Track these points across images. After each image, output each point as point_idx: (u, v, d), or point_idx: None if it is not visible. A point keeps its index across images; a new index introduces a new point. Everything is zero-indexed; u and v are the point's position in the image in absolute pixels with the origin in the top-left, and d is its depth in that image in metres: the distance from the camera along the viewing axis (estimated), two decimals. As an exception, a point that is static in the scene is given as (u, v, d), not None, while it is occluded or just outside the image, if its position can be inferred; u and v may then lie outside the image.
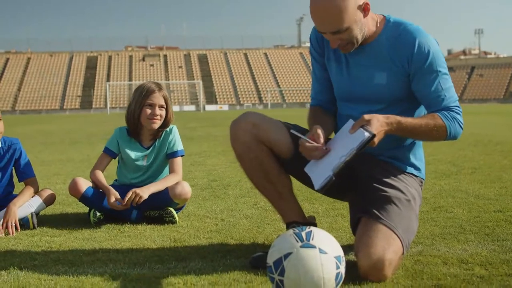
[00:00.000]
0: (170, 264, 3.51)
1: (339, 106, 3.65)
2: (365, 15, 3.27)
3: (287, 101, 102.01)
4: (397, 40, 3.33)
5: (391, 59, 3.34)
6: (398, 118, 3.18)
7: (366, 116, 3.10)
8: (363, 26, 3.29)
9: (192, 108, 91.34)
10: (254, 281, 3.11)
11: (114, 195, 4.72)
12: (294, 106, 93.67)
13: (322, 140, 3.20)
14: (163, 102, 4.97)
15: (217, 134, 18.32)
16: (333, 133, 3.59)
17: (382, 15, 3.45)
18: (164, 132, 5.07)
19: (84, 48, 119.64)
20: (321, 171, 3.16)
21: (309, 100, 3.86)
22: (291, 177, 3.67)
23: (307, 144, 3.20)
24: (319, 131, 3.23)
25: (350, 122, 3.19)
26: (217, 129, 21.89)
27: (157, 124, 4.96)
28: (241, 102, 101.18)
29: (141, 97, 4.94)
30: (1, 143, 4.98)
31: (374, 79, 3.39)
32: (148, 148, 5.07)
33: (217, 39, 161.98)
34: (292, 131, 3.32)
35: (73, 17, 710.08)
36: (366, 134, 3.03)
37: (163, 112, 4.98)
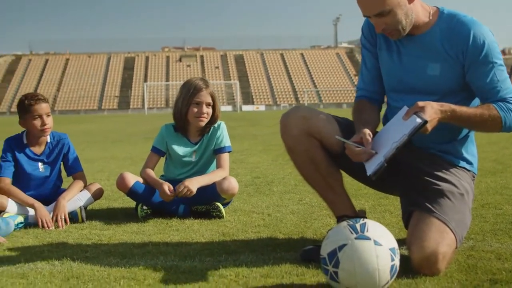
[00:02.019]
0: (221, 257, 3.53)
1: (389, 97, 3.63)
2: (410, 1, 3.25)
3: (323, 101, 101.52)
4: (452, 31, 3.29)
5: (445, 51, 3.30)
6: (453, 106, 3.14)
7: (420, 103, 3.07)
8: (409, 12, 3.26)
9: (229, 108, 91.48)
10: (306, 274, 3.11)
11: (167, 185, 4.75)
12: (330, 107, 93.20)
13: (370, 144, 3.17)
14: (210, 100, 4.98)
15: (257, 133, 18.37)
16: (381, 125, 3.56)
17: (436, 7, 3.42)
18: (212, 127, 5.09)
19: (121, 49, 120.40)
20: (373, 158, 3.14)
21: (346, 101, 3.87)
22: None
23: (355, 148, 3.18)
24: (368, 136, 3.20)
25: (404, 108, 3.16)
26: (256, 129, 21.95)
27: (204, 122, 4.98)
28: (278, 103, 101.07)
29: (188, 95, 4.95)
30: (50, 138, 5.05)
31: (427, 70, 3.35)
32: (196, 144, 5.08)
33: (253, 40, 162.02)
34: (337, 137, 3.30)
35: (111, 19, 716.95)
36: (418, 120, 3.00)
37: (210, 110, 4.99)
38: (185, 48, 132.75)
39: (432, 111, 3.05)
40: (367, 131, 3.21)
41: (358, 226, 2.76)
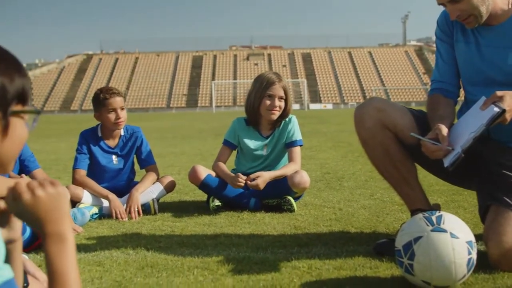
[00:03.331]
0: (293, 249, 3.52)
1: (466, 91, 3.54)
2: None
3: (392, 100, 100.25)
4: None
5: None
6: None
7: (499, 93, 2.98)
8: None
9: (296, 106, 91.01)
10: (380, 267, 3.08)
11: (240, 176, 4.78)
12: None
13: (446, 141, 3.10)
14: (282, 93, 4.99)
15: (325, 130, 18.31)
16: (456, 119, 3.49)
17: None
18: (283, 121, 5.09)
19: (190, 48, 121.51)
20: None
21: (415, 99, 3.79)
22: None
23: (431, 145, 3.12)
24: (444, 132, 3.12)
25: (482, 99, 3.08)
26: (324, 126, 21.87)
27: (276, 115, 4.98)
28: (345, 101, 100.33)
29: (261, 88, 4.97)
30: (124, 131, 5.13)
31: (508, 60, 3.26)
32: (267, 138, 5.10)
33: (321, 38, 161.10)
34: (412, 134, 3.24)
35: (179, 18, 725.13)
36: (496, 109, 2.92)
37: (283, 104, 5.00)
38: (252, 47, 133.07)
39: (511, 100, 2.97)
40: (443, 127, 3.14)
41: (434, 218, 2.72)
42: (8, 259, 1.42)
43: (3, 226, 1.50)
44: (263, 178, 4.73)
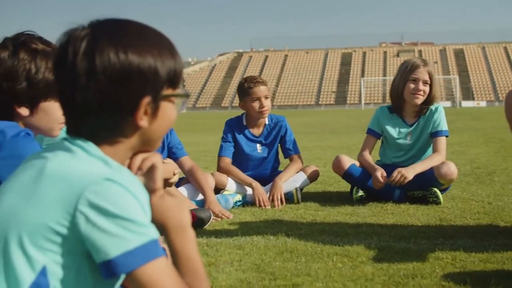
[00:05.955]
0: (437, 241, 3.42)
1: None
2: None
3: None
4: None
5: None
6: None
7: None
8: None
9: (447, 104, 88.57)
10: (532, 262, 2.92)
11: (381, 171, 4.68)
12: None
13: None
14: (427, 78, 4.84)
15: (478, 127, 17.72)
16: None
17: None
18: (429, 110, 4.93)
19: (339, 45, 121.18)
20: None
21: None
22: None
23: None
24: None
25: None
26: (477, 123, 21.19)
27: (419, 99, 4.84)
28: (500, 99, 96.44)
29: (406, 72, 4.86)
30: (268, 120, 5.16)
31: None
32: (411, 126, 4.96)
33: (474, 33, 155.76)
34: None
35: (329, 15, 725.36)
36: None
37: (427, 88, 4.85)
38: (402, 43, 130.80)
39: None
40: None
41: None
42: None
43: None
44: (406, 170, 4.59)
